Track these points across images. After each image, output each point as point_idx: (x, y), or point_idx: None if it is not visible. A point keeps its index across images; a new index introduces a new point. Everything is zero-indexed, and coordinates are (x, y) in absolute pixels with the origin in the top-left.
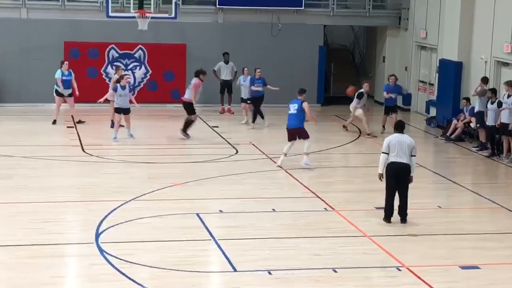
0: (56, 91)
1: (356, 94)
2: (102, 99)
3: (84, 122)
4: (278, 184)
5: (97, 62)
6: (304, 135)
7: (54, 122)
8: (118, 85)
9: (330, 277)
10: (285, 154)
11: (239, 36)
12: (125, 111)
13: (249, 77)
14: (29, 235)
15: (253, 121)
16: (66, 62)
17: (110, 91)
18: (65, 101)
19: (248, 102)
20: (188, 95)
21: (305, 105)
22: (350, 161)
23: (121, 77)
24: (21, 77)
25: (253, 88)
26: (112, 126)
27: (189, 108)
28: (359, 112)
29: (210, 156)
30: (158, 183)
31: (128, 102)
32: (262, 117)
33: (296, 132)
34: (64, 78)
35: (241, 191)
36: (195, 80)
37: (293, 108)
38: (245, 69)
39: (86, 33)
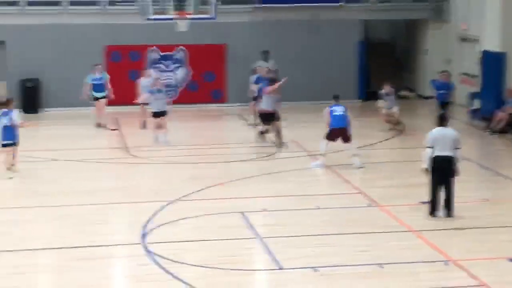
0: (92, 95)
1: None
2: (139, 100)
3: (105, 127)
4: (321, 181)
5: (139, 64)
6: (349, 137)
7: (99, 125)
8: (155, 89)
9: (376, 273)
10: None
11: (278, 34)
12: (163, 114)
13: (255, 76)
14: (76, 238)
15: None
16: (99, 66)
17: (147, 94)
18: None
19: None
20: (265, 105)
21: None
22: (393, 156)
23: (155, 81)
24: (64, 82)
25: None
26: (143, 128)
27: (268, 117)
28: (395, 110)
29: (252, 155)
30: (202, 183)
31: (165, 105)
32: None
33: (341, 133)
34: (94, 82)
35: (284, 189)
36: (266, 87)
37: (340, 110)
38: (258, 67)
39: (126, 37)
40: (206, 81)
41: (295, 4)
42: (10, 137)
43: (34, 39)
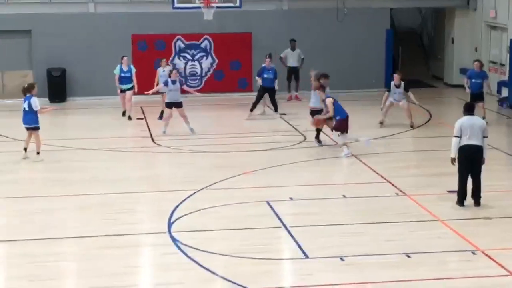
0: (119, 87)
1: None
2: (150, 92)
3: (130, 119)
4: (347, 170)
5: (164, 53)
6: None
7: (124, 114)
8: (169, 79)
9: (403, 262)
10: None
11: (304, 23)
12: (177, 105)
13: (272, 69)
14: (102, 226)
15: (252, 109)
16: (125, 58)
17: (160, 84)
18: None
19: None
20: (314, 103)
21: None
22: (421, 145)
23: (171, 71)
24: (90, 71)
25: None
26: (160, 118)
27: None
28: (403, 103)
29: (279, 144)
30: (228, 172)
31: (179, 96)
32: (276, 109)
33: (347, 123)
34: (122, 75)
35: (310, 178)
36: (316, 84)
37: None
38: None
39: (152, 26)
40: (232, 70)
41: None
42: (27, 121)
43: (60, 28)
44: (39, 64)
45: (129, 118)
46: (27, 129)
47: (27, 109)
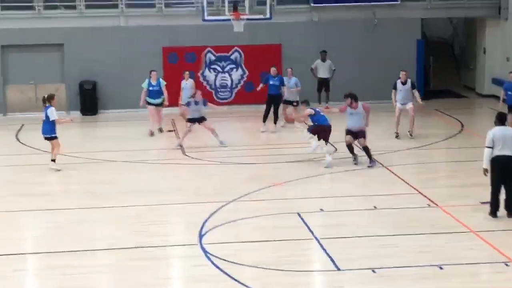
0: (147, 101)
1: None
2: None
3: (161, 131)
4: (378, 181)
5: (195, 66)
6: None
7: (152, 133)
8: (192, 101)
9: (435, 274)
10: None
11: (334, 34)
12: (200, 120)
13: (279, 77)
14: (134, 238)
15: (264, 120)
16: (154, 72)
17: (183, 107)
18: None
19: (294, 104)
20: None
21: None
22: (453, 155)
23: (194, 93)
24: (121, 83)
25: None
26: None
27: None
28: (409, 107)
29: (309, 155)
30: (258, 184)
31: (201, 113)
32: (275, 121)
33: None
34: (150, 88)
35: (341, 189)
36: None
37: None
38: (289, 69)
39: (183, 38)
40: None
41: (352, 3)
42: (45, 131)
43: (92, 42)
44: (71, 77)
45: (160, 130)
46: (45, 139)
47: (44, 119)
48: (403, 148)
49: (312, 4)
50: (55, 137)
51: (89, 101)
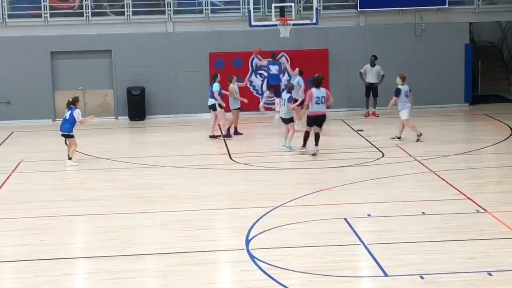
0: (219, 104)
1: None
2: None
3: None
4: (427, 186)
5: (242, 71)
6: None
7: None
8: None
9: (485, 281)
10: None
11: (381, 38)
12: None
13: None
14: (182, 243)
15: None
16: (218, 75)
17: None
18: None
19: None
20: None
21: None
22: (502, 160)
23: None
24: (169, 89)
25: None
26: (227, 135)
27: None
28: (402, 114)
29: (356, 160)
30: (305, 189)
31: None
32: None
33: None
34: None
35: (389, 195)
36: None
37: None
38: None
39: (229, 44)
40: (310, 86)
41: (399, 8)
42: (64, 129)
43: (140, 48)
44: (119, 83)
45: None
46: (63, 135)
47: (67, 117)
48: (452, 153)
49: (359, 9)
50: (73, 136)
51: (137, 107)
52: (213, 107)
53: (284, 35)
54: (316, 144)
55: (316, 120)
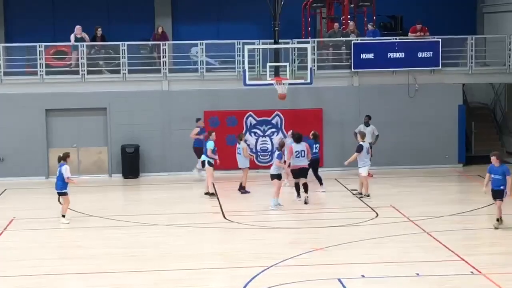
0: (209, 162)
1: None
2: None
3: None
4: (421, 247)
5: (236, 129)
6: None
7: (212, 194)
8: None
9: None
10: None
11: (375, 98)
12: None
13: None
14: None
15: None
16: (213, 133)
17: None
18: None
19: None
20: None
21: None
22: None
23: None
24: (164, 147)
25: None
26: (242, 190)
27: None
28: (362, 171)
29: (350, 220)
30: (299, 248)
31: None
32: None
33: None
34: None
35: (383, 255)
36: None
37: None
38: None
39: (224, 102)
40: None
41: (393, 69)
42: (57, 187)
43: (135, 106)
44: (113, 140)
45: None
46: (58, 194)
47: (58, 175)
48: (446, 214)
49: (353, 69)
50: (66, 193)
51: (130, 165)
52: (204, 164)
53: (282, 91)
54: (306, 192)
55: (301, 172)
